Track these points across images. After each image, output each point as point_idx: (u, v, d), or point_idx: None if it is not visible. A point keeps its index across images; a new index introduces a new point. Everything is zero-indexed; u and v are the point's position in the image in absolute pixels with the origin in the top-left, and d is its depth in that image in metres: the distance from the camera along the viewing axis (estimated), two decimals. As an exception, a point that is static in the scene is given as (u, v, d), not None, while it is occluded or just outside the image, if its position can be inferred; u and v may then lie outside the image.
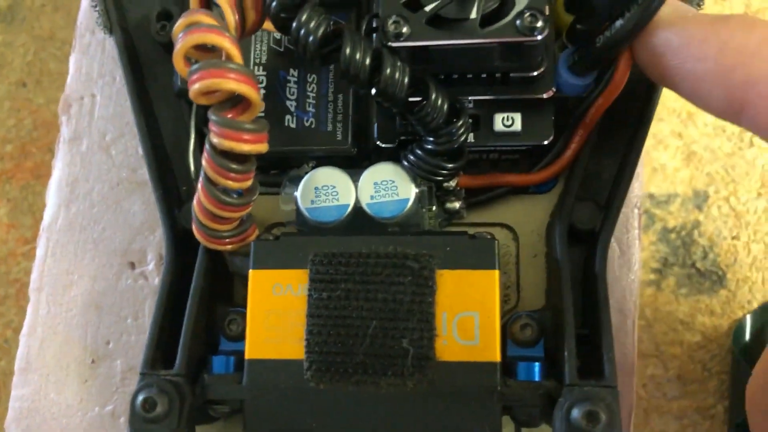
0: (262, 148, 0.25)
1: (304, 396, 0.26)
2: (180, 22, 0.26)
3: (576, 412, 0.24)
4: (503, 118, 0.29)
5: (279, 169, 0.31)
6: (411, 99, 0.26)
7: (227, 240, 0.28)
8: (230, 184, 0.26)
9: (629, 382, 0.30)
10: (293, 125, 0.30)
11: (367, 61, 0.25)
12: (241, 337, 0.29)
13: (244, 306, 0.28)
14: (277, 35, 0.31)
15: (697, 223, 0.41)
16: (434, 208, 0.30)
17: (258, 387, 0.26)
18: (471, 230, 0.31)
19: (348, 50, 0.25)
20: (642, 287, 0.32)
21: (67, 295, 0.33)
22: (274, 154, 0.30)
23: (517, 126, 0.29)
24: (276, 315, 0.27)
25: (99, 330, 0.33)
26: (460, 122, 0.27)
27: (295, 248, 0.27)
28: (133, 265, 0.33)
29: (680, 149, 0.41)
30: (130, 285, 0.33)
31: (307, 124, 0.30)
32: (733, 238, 0.41)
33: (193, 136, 0.31)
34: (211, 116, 0.25)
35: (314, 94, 0.30)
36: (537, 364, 0.26)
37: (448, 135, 0.27)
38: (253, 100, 0.25)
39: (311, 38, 0.25)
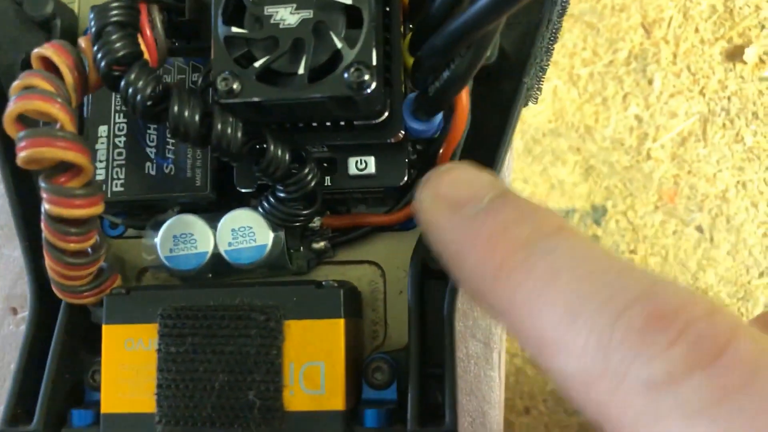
0: (96, 210, 0.25)
1: (156, 449, 0.27)
2: (15, 84, 0.26)
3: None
4: (356, 162, 0.29)
5: (148, 214, 0.32)
6: (252, 151, 0.27)
7: (85, 294, 0.28)
8: (71, 247, 0.26)
9: (497, 415, 0.30)
10: (153, 172, 0.30)
11: (196, 118, 0.25)
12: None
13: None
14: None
15: (596, 238, 0.41)
16: (301, 249, 0.30)
17: (113, 441, 0.27)
18: (341, 268, 0.31)
19: (176, 108, 0.25)
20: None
21: (-50, 341, 0.34)
22: (136, 202, 0.31)
23: (371, 169, 0.29)
24: (129, 369, 0.27)
25: (-17, 376, 0.33)
26: (306, 170, 0.27)
27: (145, 302, 0.28)
28: (15, 311, 0.34)
29: (578, 164, 0.41)
30: (12, 330, 0.33)
31: (166, 171, 0.30)
32: (631, 251, 0.41)
33: (59, 184, 0.31)
34: (42, 183, 0.25)
35: (173, 141, 0.30)
36: (383, 410, 0.27)
37: (295, 183, 0.27)
38: (83, 167, 0.25)
39: (139, 97, 0.25)
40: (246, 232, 0.29)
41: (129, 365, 0.27)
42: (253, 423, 0.26)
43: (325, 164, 0.29)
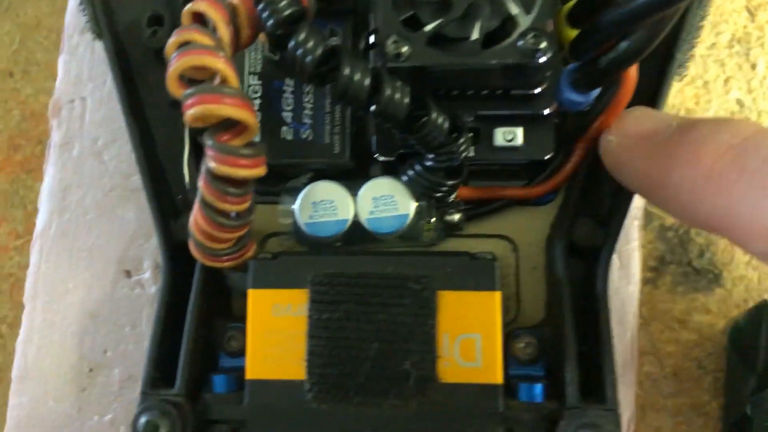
0: (260, 172, 0.25)
1: (305, 416, 0.26)
2: (172, 41, 0.25)
3: (580, 437, 0.24)
4: (504, 133, 0.28)
5: (276, 180, 0.31)
6: (411, 118, 0.26)
7: (225, 258, 0.28)
8: (228, 207, 0.25)
9: (629, 393, 0.30)
10: (290, 137, 0.30)
11: (366, 82, 0.24)
12: (241, 353, 0.29)
13: (243, 321, 0.28)
14: (273, 43, 0.30)
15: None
16: (433, 220, 0.30)
17: (259, 407, 0.26)
18: (470, 242, 0.31)
19: (347, 71, 0.24)
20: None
21: (63, 303, 0.33)
22: (270, 167, 0.30)
23: (518, 140, 0.28)
24: (276, 335, 0.27)
25: (96, 339, 0.33)
26: (461, 140, 0.26)
27: (294, 268, 0.27)
28: (128, 273, 0.33)
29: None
30: (127, 293, 0.33)
31: (303, 137, 0.30)
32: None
33: (187, 146, 0.31)
34: (207, 141, 0.24)
35: (311, 105, 0.30)
36: (539, 385, 0.26)
37: (449, 153, 0.27)
38: (249, 125, 0.24)
39: (308, 58, 0.24)
40: (388, 200, 0.29)
41: (276, 330, 0.27)
42: (408, 393, 0.26)
43: (471, 136, 0.28)
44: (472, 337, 0.26)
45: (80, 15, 0.35)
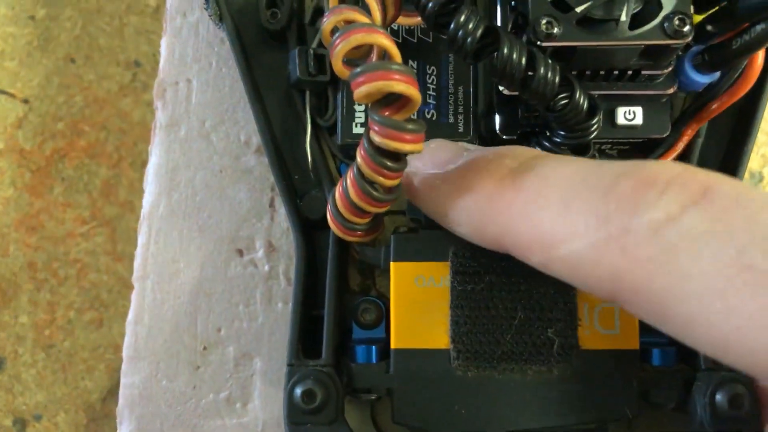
0: (421, 147, 0.26)
1: (451, 384, 0.27)
2: (329, 20, 0.26)
3: (720, 397, 0.26)
4: (625, 112, 0.30)
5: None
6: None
7: (361, 232, 0.29)
8: (386, 181, 0.26)
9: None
10: (413, 116, 0.31)
11: (523, 60, 0.26)
12: (374, 326, 0.30)
13: (370, 294, 0.29)
14: (394, 26, 0.31)
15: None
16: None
17: (405, 375, 0.27)
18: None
19: (506, 50, 0.25)
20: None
21: (174, 282, 0.33)
22: (396, 146, 0.31)
23: (639, 120, 0.30)
24: (420, 305, 0.28)
25: (209, 317, 0.33)
26: (596, 119, 0.28)
27: (434, 241, 0.28)
28: (241, 253, 0.33)
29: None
30: (240, 272, 0.33)
31: (428, 116, 0.31)
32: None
33: (309, 127, 0.31)
34: (373, 116, 0.25)
35: (434, 86, 0.31)
36: (672, 349, 0.28)
37: (583, 131, 0.28)
38: (414, 100, 0.25)
39: (470, 39, 0.25)
40: (513, 177, 0.30)
41: (420, 301, 0.28)
42: (552, 359, 0.27)
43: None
44: (610, 306, 0.27)
45: (182, -2, 0.35)
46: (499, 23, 0.29)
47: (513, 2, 0.28)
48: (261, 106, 0.31)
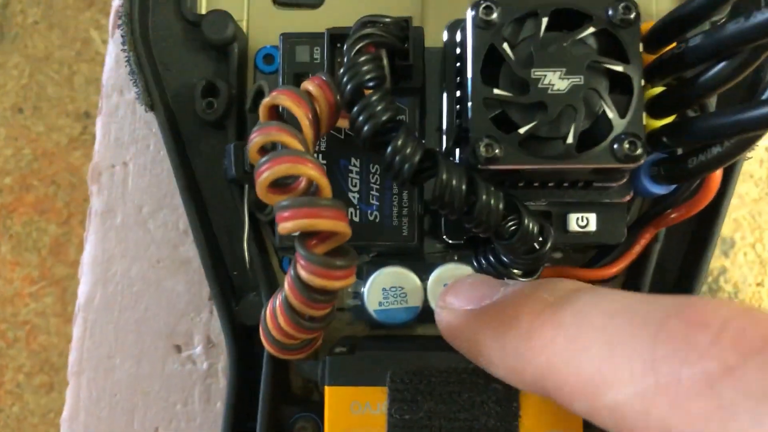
0: (353, 281, 0.24)
1: None
2: (256, 140, 0.24)
3: None
4: (578, 219, 0.28)
5: (337, 257, 0.30)
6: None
7: (297, 351, 0.27)
8: (315, 312, 0.24)
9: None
10: (356, 219, 0.29)
11: (463, 187, 0.24)
12: (312, 445, 0.28)
13: (305, 407, 0.27)
14: (336, 121, 0.29)
15: (724, 269, 0.42)
16: (498, 299, 0.30)
17: None
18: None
19: (444, 176, 0.24)
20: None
21: (109, 379, 0.32)
22: (336, 249, 0.29)
23: (592, 226, 0.28)
24: (355, 433, 0.26)
25: (146, 416, 0.32)
26: (547, 246, 0.26)
27: (371, 364, 0.26)
28: (179, 348, 0.32)
29: (710, 195, 0.41)
30: (177, 369, 0.32)
31: (371, 218, 0.29)
32: (758, 284, 0.42)
33: (247, 223, 0.30)
34: (300, 249, 0.23)
35: (378, 186, 0.29)
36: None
37: (535, 260, 0.26)
38: (343, 236, 0.23)
39: (407, 165, 0.24)
40: (459, 287, 0.28)
41: (355, 429, 0.26)
42: (492, 494, 0.26)
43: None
44: (558, 435, 0.26)
45: (117, 71, 0.33)
46: (444, 126, 0.27)
47: (458, 116, 0.26)
48: (196, 200, 0.30)
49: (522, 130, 0.24)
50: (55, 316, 0.44)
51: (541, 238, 0.25)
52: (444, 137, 0.28)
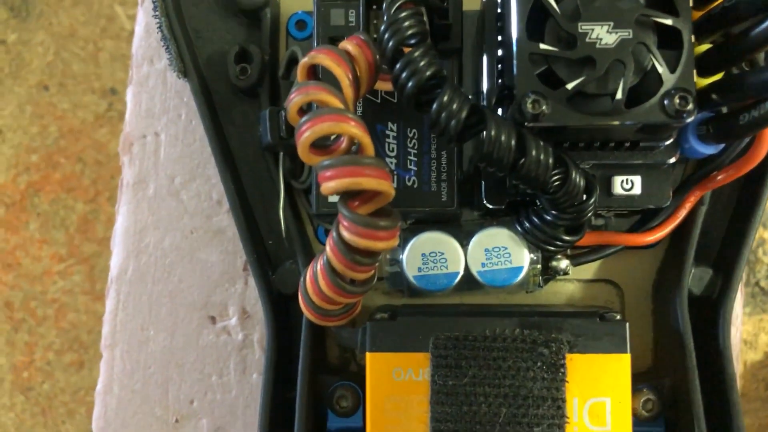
0: (395, 243, 0.24)
1: (430, 485, 0.25)
2: (296, 100, 0.23)
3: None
4: (622, 182, 0.27)
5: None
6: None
7: (337, 317, 0.27)
8: (357, 276, 0.24)
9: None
10: (394, 184, 0.28)
11: (513, 143, 0.23)
12: (351, 413, 0.28)
13: (348, 375, 0.27)
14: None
15: (762, 241, 0.41)
16: (538, 266, 0.29)
17: (382, 475, 0.26)
18: (573, 286, 0.30)
19: (493, 132, 0.23)
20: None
21: (143, 351, 0.32)
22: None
23: (637, 189, 0.27)
24: (397, 399, 0.26)
25: (181, 388, 0.31)
26: (592, 200, 0.25)
27: (413, 330, 0.26)
28: (213, 320, 0.32)
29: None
30: (212, 341, 0.31)
31: (409, 184, 0.28)
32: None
33: (282, 192, 0.29)
34: (343, 210, 0.23)
35: (415, 151, 0.28)
36: (667, 446, 0.26)
37: (578, 212, 0.26)
38: (387, 196, 0.23)
39: (454, 122, 0.23)
40: (501, 252, 0.28)
41: (397, 395, 0.26)
42: (539, 460, 0.25)
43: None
44: (601, 401, 0.25)
45: (148, 41, 0.33)
46: (483, 90, 0.26)
47: (499, 76, 0.25)
48: (231, 169, 0.29)
49: (570, 86, 0.23)
50: (83, 293, 0.44)
51: (586, 193, 0.25)
52: (484, 101, 0.28)
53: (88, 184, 0.44)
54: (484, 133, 0.23)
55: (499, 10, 0.26)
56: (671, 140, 0.26)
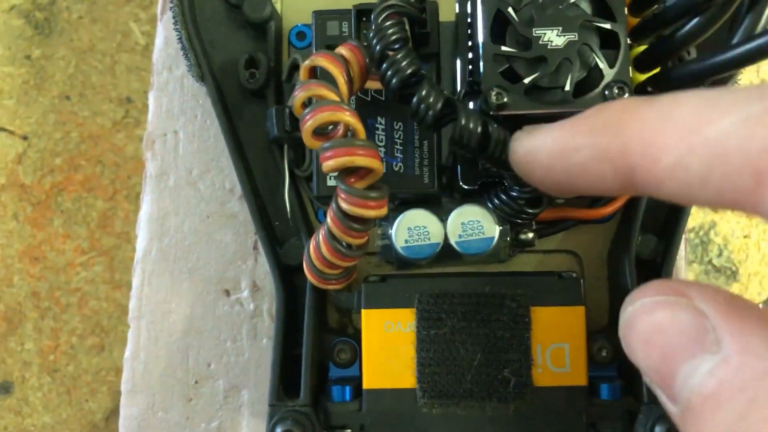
0: (384, 212, 0.28)
1: (417, 420, 0.30)
2: (299, 96, 0.28)
3: (659, 429, 0.29)
4: (577, 164, 0.32)
5: (366, 206, 0.34)
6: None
7: (335, 281, 0.31)
8: (353, 241, 0.29)
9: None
10: (383, 170, 0.33)
11: (479, 129, 0.28)
12: (349, 364, 0.32)
13: (345, 335, 0.31)
14: (364, 85, 0.34)
15: (714, 223, 0.46)
16: (508, 237, 0.34)
17: (376, 413, 0.30)
18: (540, 256, 0.35)
19: (463, 121, 0.28)
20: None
21: (166, 321, 0.36)
22: (367, 197, 0.33)
23: (589, 170, 0.32)
24: (389, 349, 0.30)
25: (200, 353, 0.36)
26: (547, 174, 0.30)
27: (401, 290, 0.31)
28: (228, 293, 0.36)
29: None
30: (227, 311, 0.36)
31: (396, 169, 0.33)
32: (745, 236, 0.46)
33: (287, 178, 0.34)
34: (340, 184, 0.28)
35: (401, 141, 0.33)
36: (617, 384, 0.31)
37: (535, 189, 0.30)
38: (377, 171, 0.28)
39: (431, 112, 0.28)
40: (474, 225, 0.32)
41: (389, 345, 0.30)
42: (508, 397, 0.30)
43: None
44: (561, 347, 0.30)
45: (167, 51, 0.38)
46: (458, 88, 0.31)
47: (469, 73, 0.30)
48: (242, 160, 0.34)
49: (527, 81, 0.28)
50: (104, 283, 0.48)
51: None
52: (459, 96, 0.33)
53: (107, 183, 0.49)
54: (456, 121, 0.28)
55: (469, 20, 0.31)
56: (615, 126, 0.31)
